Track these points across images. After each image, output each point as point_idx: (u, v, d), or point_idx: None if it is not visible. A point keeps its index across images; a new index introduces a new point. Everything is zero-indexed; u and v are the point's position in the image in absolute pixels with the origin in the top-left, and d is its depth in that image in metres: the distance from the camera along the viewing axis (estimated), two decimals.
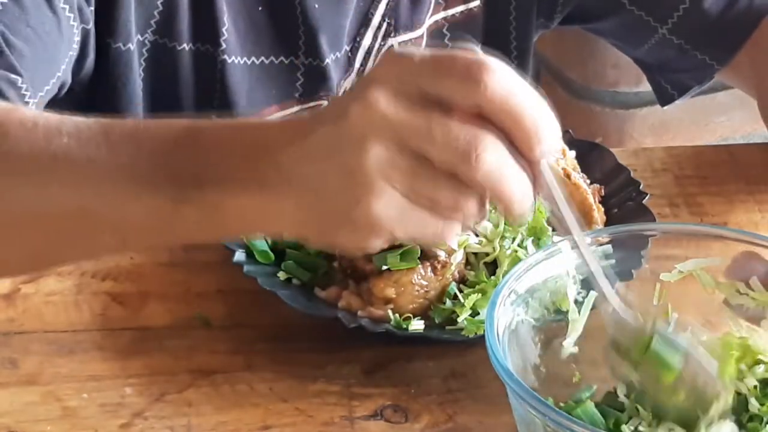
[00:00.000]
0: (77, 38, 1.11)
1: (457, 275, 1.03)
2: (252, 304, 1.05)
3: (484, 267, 1.04)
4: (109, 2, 1.13)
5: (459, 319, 1.00)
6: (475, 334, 0.98)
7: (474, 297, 1.01)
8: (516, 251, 1.03)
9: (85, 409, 0.96)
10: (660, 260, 0.93)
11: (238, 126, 0.84)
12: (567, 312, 0.89)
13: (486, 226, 1.04)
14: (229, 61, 1.23)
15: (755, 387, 0.86)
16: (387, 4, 1.29)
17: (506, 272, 1.03)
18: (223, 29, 1.20)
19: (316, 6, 1.25)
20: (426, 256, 1.02)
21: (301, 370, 0.99)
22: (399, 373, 0.99)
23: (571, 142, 1.16)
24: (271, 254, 1.06)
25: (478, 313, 1.00)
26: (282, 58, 1.26)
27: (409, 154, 0.75)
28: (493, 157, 0.74)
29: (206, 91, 1.21)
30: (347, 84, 1.31)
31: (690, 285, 0.92)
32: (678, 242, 0.94)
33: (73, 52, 1.11)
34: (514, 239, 1.04)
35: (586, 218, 1.09)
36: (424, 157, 0.75)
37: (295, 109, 1.30)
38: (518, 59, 1.41)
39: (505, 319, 0.86)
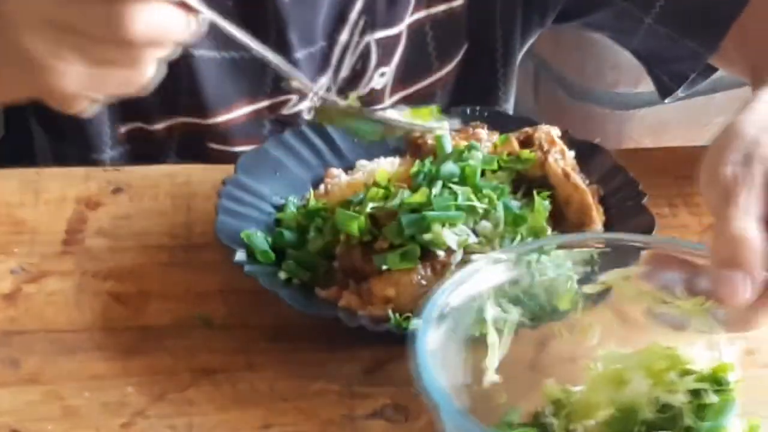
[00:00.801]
0: None
1: None
2: (252, 304, 1.05)
3: None
4: None
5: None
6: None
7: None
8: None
9: (86, 408, 0.96)
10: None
11: None
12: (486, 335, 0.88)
13: (485, 226, 1.04)
14: (197, 54, 1.23)
15: (689, 401, 0.83)
16: (364, 1, 1.29)
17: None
18: None
19: (287, 0, 1.25)
20: (426, 256, 1.02)
21: (301, 370, 1.00)
22: (399, 373, 0.99)
23: (570, 142, 1.16)
24: (272, 254, 1.07)
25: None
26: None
27: (68, 31, 0.88)
28: (136, 12, 0.87)
29: (174, 85, 1.20)
30: (324, 80, 1.32)
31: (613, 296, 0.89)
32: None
33: None
34: (513, 239, 1.04)
35: (584, 218, 1.09)
36: (82, 31, 0.88)
37: (266, 103, 1.30)
38: (504, 58, 1.41)
39: (435, 338, 0.85)
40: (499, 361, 0.87)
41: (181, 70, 1.23)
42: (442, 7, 1.35)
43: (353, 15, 1.30)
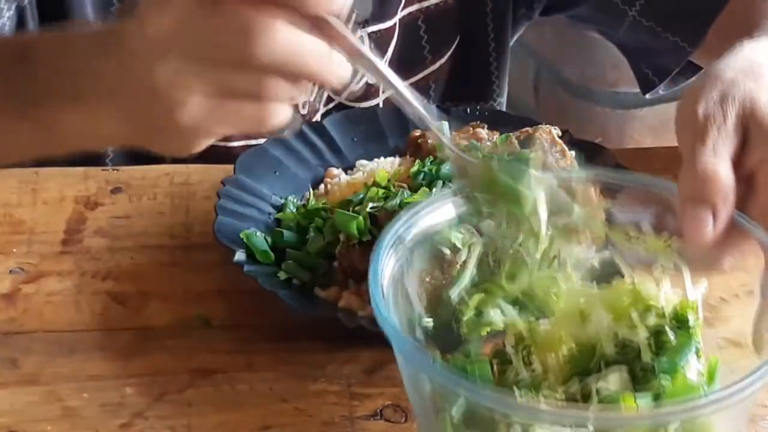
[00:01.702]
0: None
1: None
2: (252, 304, 1.05)
3: (487, 266, 1.04)
4: None
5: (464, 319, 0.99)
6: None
7: (478, 297, 1.00)
8: (518, 251, 1.03)
9: (85, 409, 0.96)
10: None
11: (65, 39, 0.89)
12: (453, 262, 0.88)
13: (488, 225, 1.04)
14: None
15: (648, 337, 0.82)
16: None
17: (509, 273, 1.03)
18: None
19: None
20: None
21: (301, 370, 0.99)
22: (399, 373, 0.99)
23: (570, 142, 1.16)
24: (271, 254, 1.06)
25: (482, 313, 1.00)
26: None
27: (193, 59, 0.80)
28: (269, 37, 0.78)
29: None
30: None
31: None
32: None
33: None
34: (516, 239, 1.04)
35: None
36: (208, 57, 0.80)
37: None
38: (496, 52, 1.41)
39: (390, 271, 0.83)
40: (463, 287, 0.87)
41: None
42: (434, 1, 1.35)
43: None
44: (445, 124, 1.12)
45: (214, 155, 1.30)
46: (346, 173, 1.17)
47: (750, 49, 0.99)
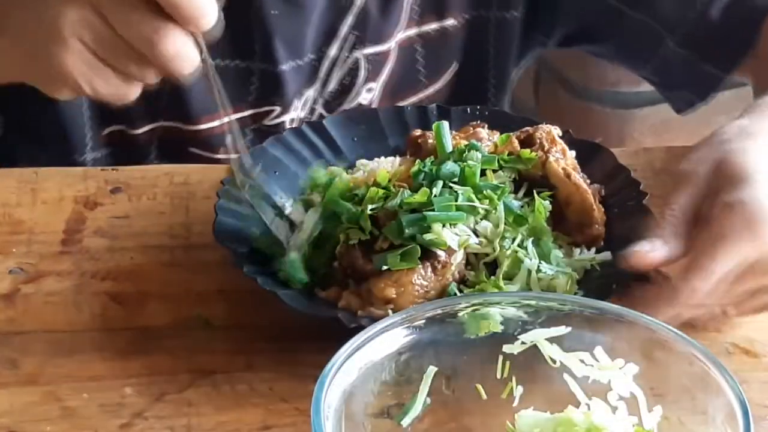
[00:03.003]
0: None
1: (457, 275, 1.03)
2: (252, 304, 1.05)
3: (484, 267, 1.04)
4: None
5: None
6: (476, 335, 0.98)
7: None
8: (516, 252, 1.03)
9: (85, 409, 0.96)
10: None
11: None
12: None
13: (486, 226, 1.04)
14: None
15: None
16: (356, 17, 1.29)
17: (506, 273, 1.02)
18: None
19: (273, 12, 1.25)
20: (426, 256, 1.02)
21: (301, 370, 0.99)
22: None
23: (571, 142, 1.16)
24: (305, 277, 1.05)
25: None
26: (237, 61, 1.27)
27: (102, 19, 0.95)
28: (166, 45, 0.95)
29: (158, 89, 1.19)
30: (310, 93, 1.31)
31: (536, 356, 0.86)
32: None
33: None
34: (514, 239, 1.04)
35: (585, 218, 1.09)
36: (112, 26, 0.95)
37: (248, 113, 1.30)
38: (496, 79, 1.40)
39: (334, 403, 0.83)
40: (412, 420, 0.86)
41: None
42: (433, 26, 1.35)
43: (344, 30, 1.30)
44: (445, 124, 1.12)
45: (195, 161, 1.30)
46: (347, 173, 1.17)
47: (748, 119, 1.08)
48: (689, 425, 0.84)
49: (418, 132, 1.15)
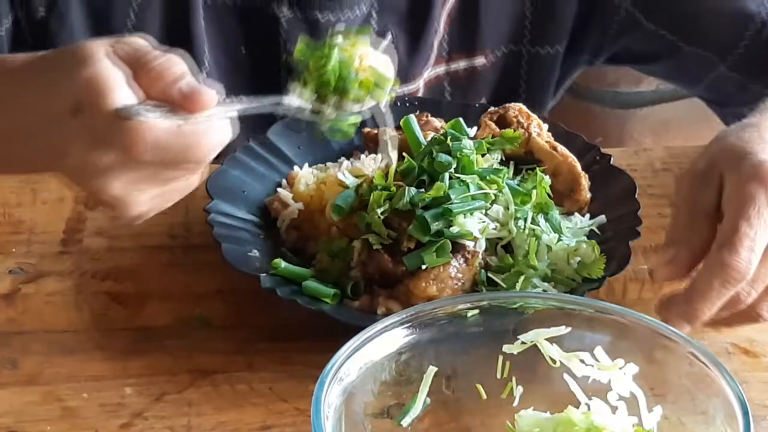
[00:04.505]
0: None
1: (482, 262, 1.03)
2: (252, 304, 1.05)
3: (502, 250, 1.04)
4: None
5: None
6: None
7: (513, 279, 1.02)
8: (533, 230, 1.03)
9: (85, 409, 0.96)
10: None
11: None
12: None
13: (497, 210, 1.04)
14: None
15: None
16: None
17: (527, 252, 1.02)
18: (202, 67, 1.19)
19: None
20: (455, 249, 1.01)
21: (301, 370, 0.99)
22: None
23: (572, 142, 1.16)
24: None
25: None
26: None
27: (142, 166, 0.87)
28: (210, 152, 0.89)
29: None
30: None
31: (536, 356, 0.86)
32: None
33: None
34: (525, 219, 1.04)
35: (574, 186, 1.11)
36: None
37: None
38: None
39: (334, 403, 0.83)
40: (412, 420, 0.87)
41: None
42: (462, 65, 1.34)
43: None
44: (413, 117, 1.12)
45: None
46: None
47: (751, 116, 1.10)
48: (689, 425, 0.84)
49: (372, 129, 1.16)
